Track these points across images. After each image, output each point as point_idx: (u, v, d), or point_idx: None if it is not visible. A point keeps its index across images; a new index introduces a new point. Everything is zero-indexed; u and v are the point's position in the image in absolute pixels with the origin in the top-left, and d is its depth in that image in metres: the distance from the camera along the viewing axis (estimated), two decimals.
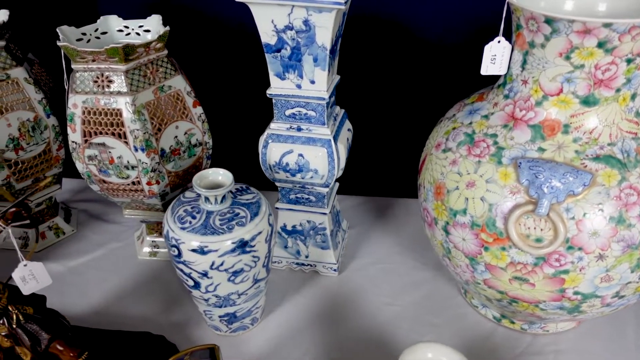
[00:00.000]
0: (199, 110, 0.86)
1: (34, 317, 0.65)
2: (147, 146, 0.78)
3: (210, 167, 0.92)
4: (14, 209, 0.60)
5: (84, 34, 0.83)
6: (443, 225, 0.70)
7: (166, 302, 0.89)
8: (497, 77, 0.71)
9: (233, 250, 0.68)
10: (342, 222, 1.00)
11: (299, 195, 0.87)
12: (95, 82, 0.77)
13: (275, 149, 0.80)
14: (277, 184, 0.85)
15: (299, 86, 0.76)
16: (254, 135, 1.01)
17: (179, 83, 0.83)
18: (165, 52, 0.81)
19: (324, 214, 0.88)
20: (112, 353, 0.76)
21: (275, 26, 0.70)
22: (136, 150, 0.78)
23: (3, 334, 0.65)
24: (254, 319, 0.82)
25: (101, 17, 0.85)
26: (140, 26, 0.87)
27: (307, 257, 0.92)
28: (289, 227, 0.90)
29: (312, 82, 0.75)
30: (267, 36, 0.72)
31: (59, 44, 0.74)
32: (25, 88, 0.87)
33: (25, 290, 0.65)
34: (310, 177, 0.81)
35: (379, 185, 1.17)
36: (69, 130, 0.79)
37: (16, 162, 0.88)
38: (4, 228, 0.60)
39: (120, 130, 0.78)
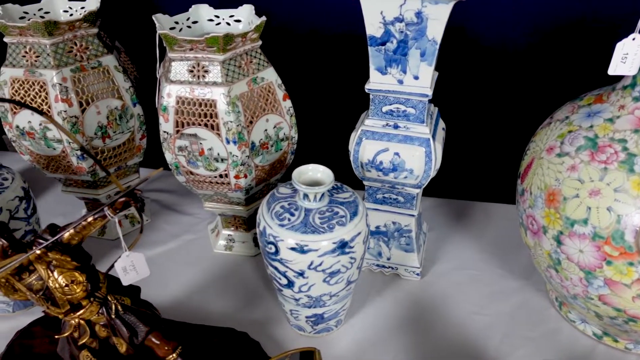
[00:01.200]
0: (288, 103, 0.83)
1: (132, 308, 0.64)
2: (239, 139, 0.77)
3: (293, 162, 0.90)
4: (123, 199, 0.59)
5: (176, 22, 0.82)
6: (555, 235, 0.66)
7: (245, 299, 0.88)
8: (614, 78, 0.66)
9: (333, 251, 0.66)
10: (423, 224, 0.96)
11: (386, 195, 0.83)
12: (191, 71, 0.75)
13: (369, 147, 0.77)
14: (366, 182, 0.82)
15: (400, 82, 0.73)
16: (335, 131, 0.99)
17: (270, 75, 0.81)
18: (260, 42, 0.79)
19: (412, 215, 0.84)
20: (197, 347, 0.75)
21: (383, 18, 0.67)
22: (228, 142, 0.77)
23: (101, 323, 0.64)
24: (339, 321, 0.79)
25: (193, 6, 0.84)
26: (231, 16, 0.85)
27: (389, 259, 0.89)
28: (372, 228, 0.87)
29: (416, 77, 0.71)
30: (373, 28, 0.69)
31: (158, 31, 0.73)
32: (114, 76, 0.87)
33: (125, 280, 0.64)
34: (404, 177, 0.78)
35: (455, 188, 1.13)
36: (161, 120, 0.78)
37: (102, 150, 0.88)
38: (112, 217, 0.59)
39: (214, 121, 0.76)
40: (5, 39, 0.80)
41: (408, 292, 0.88)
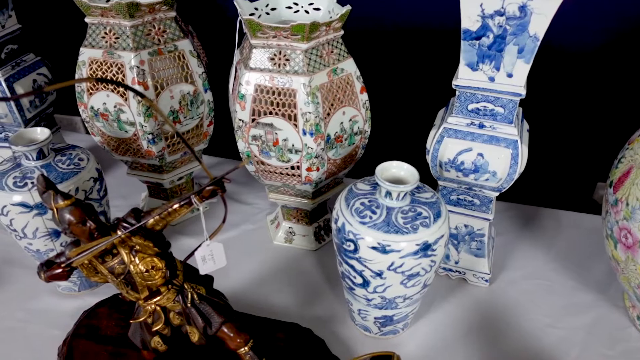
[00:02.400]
0: (365, 97, 0.81)
1: (207, 298, 0.64)
2: (316, 131, 0.75)
3: (363, 157, 0.87)
4: (211, 187, 0.58)
5: (256, 8, 0.81)
6: None
7: (306, 294, 0.86)
8: None
9: (415, 253, 0.63)
10: (491, 228, 0.93)
11: (461, 197, 0.80)
12: (272, 59, 0.73)
13: (451, 146, 0.74)
14: (441, 182, 0.79)
15: (491, 79, 0.69)
16: (405, 127, 0.96)
17: (350, 67, 0.78)
18: (342, 32, 0.76)
19: (487, 219, 0.81)
20: (262, 341, 0.74)
21: (482, 10, 0.64)
22: (304, 134, 0.75)
23: (176, 311, 0.64)
24: (406, 324, 0.77)
25: None
26: (310, 4, 0.83)
27: (457, 263, 0.86)
28: None
29: (510, 75, 0.68)
30: (470, 21, 0.65)
31: (242, 17, 0.71)
32: (189, 61, 0.86)
33: (203, 270, 0.63)
34: (486, 179, 0.74)
35: (525, 192, 1.08)
36: (237, 108, 0.77)
37: (173, 135, 0.88)
38: (198, 205, 0.58)
39: (292, 112, 0.74)
40: (86, 19, 0.80)
41: (476, 298, 0.84)
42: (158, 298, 0.61)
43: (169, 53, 0.83)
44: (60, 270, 0.57)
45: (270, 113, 0.75)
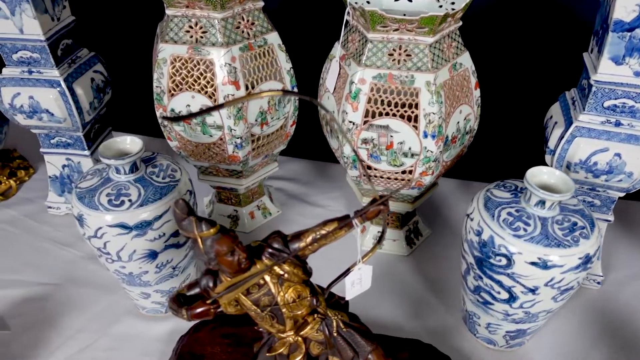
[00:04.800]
0: (478, 93, 0.75)
1: (351, 324, 0.57)
2: (438, 132, 0.68)
3: (465, 156, 0.82)
4: (377, 208, 0.51)
5: None
6: None
7: (411, 304, 0.81)
8: None
9: (577, 267, 0.58)
10: None
11: (580, 198, 0.75)
12: (391, 55, 0.66)
13: (583, 146, 0.68)
14: None
15: (637, 73, 0.64)
16: (506, 125, 0.89)
17: (467, 61, 0.72)
18: (460, 23, 0.69)
19: (607, 221, 0.76)
20: None
21: None
22: (425, 136, 0.68)
23: (318, 340, 0.57)
24: (531, 334, 0.73)
25: None
26: None
27: None
28: None
29: None
30: (625, 12, 0.60)
31: (365, 7, 0.63)
32: (277, 56, 0.77)
33: (350, 294, 0.57)
34: (618, 180, 0.69)
35: None
36: (348, 109, 0.69)
37: (258, 137, 0.80)
38: (358, 226, 0.51)
39: (412, 112, 0.68)
40: (168, 11, 0.71)
41: (589, 301, 0.80)
42: (307, 329, 0.54)
43: (259, 48, 0.75)
44: (206, 307, 0.50)
45: (387, 114, 0.68)
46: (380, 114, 0.69)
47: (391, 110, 0.68)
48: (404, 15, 0.63)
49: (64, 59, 0.81)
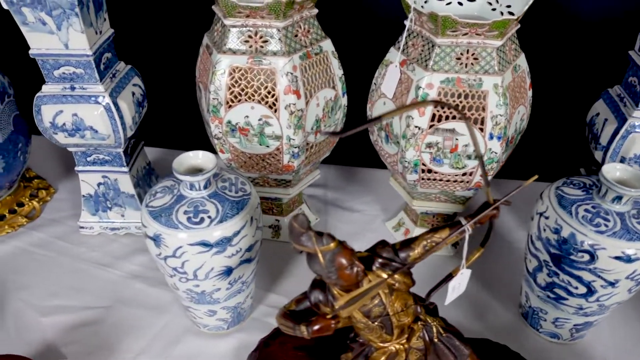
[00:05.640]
0: (530, 93, 0.76)
1: (449, 329, 0.58)
2: (503, 134, 0.70)
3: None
4: (491, 212, 0.52)
5: (414, 1, 0.73)
6: None
7: (466, 304, 0.82)
8: None
9: None
10: None
11: None
12: (458, 59, 0.67)
13: (638, 141, 0.71)
14: None
15: None
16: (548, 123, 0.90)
17: (523, 62, 0.74)
18: (519, 26, 0.71)
19: None
20: None
21: None
22: (491, 138, 0.70)
23: (419, 347, 0.57)
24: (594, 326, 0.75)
25: None
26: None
27: None
28: None
29: None
30: None
31: (440, 13, 0.64)
32: (332, 63, 0.77)
33: (449, 299, 0.57)
34: None
35: None
36: (415, 114, 0.70)
37: (312, 145, 0.79)
38: (469, 231, 0.51)
39: (479, 115, 0.69)
40: (227, 21, 0.69)
41: None
42: (414, 337, 0.54)
43: (316, 55, 0.74)
44: (326, 322, 0.49)
45: (453, 118, 0.69)
46: (447, 118, 0.69)
47: (458, 113, 0.69)
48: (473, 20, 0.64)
49: (105, 73, 0.78)
